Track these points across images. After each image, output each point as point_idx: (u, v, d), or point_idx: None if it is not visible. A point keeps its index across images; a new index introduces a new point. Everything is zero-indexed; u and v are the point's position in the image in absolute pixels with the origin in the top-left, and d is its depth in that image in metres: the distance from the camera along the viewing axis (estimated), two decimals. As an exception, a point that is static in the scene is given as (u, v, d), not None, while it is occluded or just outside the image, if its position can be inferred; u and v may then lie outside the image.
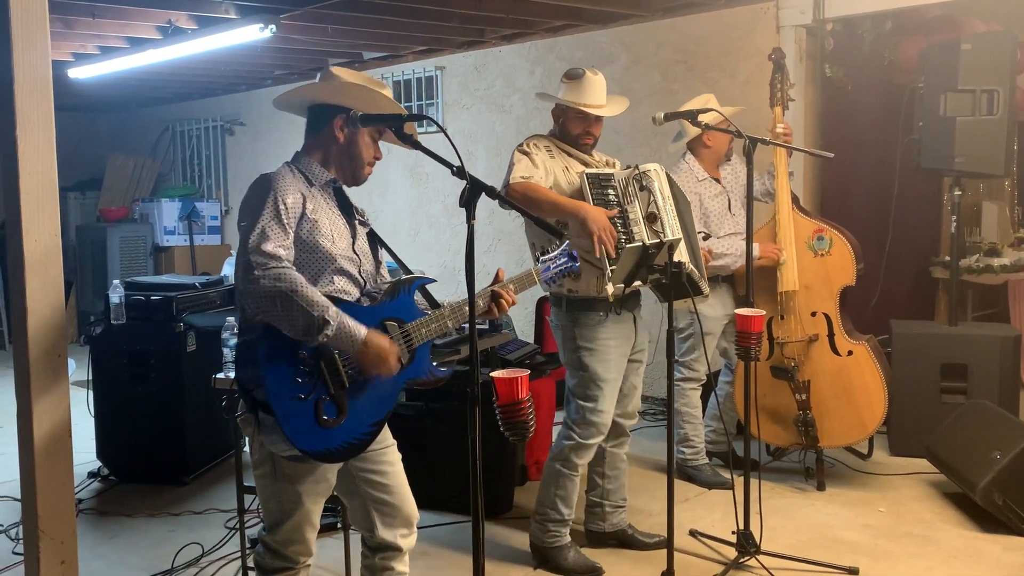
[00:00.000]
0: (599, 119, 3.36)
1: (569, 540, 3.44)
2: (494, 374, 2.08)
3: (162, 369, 4.46)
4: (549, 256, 2.68)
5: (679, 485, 4.13)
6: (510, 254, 6.48)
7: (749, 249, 3.45)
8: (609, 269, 3.03)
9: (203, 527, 3.93)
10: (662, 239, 3.10)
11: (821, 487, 4.19)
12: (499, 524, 3.86)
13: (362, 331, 2.24)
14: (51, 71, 2.73)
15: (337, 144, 2.43)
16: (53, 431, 2.76)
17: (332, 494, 2.50)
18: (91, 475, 4.57)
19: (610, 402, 3.37)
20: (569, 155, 3.37)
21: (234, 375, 2.38)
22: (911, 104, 4.94)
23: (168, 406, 4.46)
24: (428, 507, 3.93)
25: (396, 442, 2.55)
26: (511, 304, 2.48)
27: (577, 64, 3.36)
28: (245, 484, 3.22)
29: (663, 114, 3.44)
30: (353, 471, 2.45)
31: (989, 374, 4.41)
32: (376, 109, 2.40)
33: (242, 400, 2.36)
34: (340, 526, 3.49)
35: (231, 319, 3.50)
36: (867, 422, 4.08)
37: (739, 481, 3.51)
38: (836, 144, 5.11)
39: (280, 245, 2.24)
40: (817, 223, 4.17)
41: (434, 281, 2.55)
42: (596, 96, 3.31)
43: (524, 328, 5.99)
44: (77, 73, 6.39)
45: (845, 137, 5.33)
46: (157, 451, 4.48)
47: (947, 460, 4.05)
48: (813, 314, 4.13)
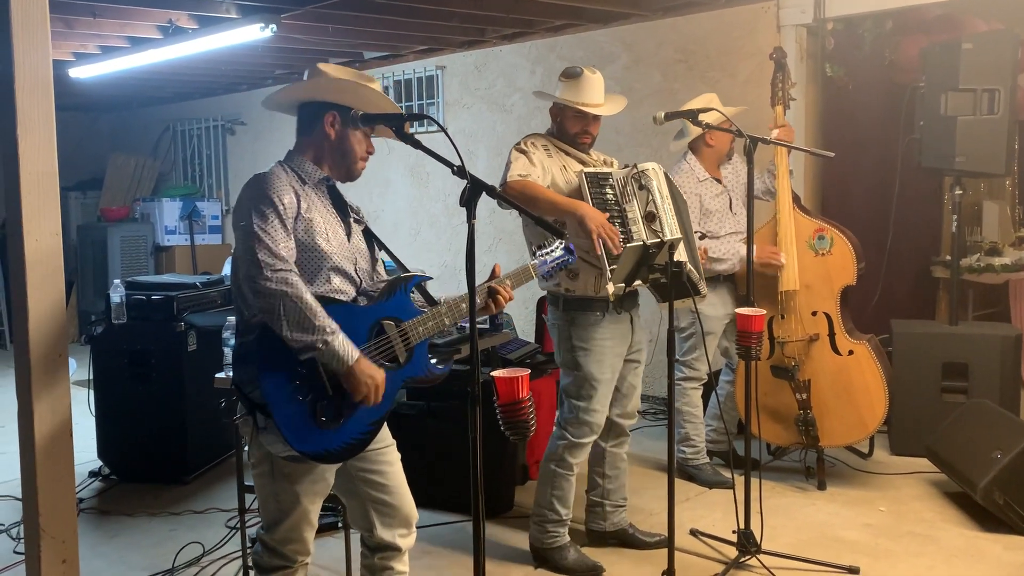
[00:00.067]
0: (597, 118, 3.35)
1: (568, 540, 3.44)
2: (495, 373, 2.09)
3: (163, 369, 4.47)
4: (545, 250, 2.68)
5: (680, 484, 4.13)
6: (511, 253, 6.48)
7: (750, 248, 3.45)
8: (609, 269, 3.03)
9: (204, 526, 3.93)
10: (661, 239, 3.09)
11: (822, 486, 4.19)
12: (500, 523, 3.86)
13: (354, 354, 2.23)
14: (52, 71, 2.73)
15: (329, 141, 2.42)
16: (54, 430, 2.76)
17: (331, 493, 2.50)
18: (92, 474, 4.57)
19: (604, 402, 3.37)
20: (567, 154, 3.36)
21: (231, 378, 2.36)
22: (912, 103, 4.94)
23: (169, 406, 4.46)
24: (429, 506, 3.93)
25: (396, 442, 2.55)
26: (508, 300, 2.47)
27: (578, 63, 3.35)
28: (246, 483, 3.22)
29: (663, 113, 3.43)
30: (352, 471, 2.45)
31: (990, 373, 4.41)
32: (367, 104, 2.40)
33: (240, 402, 2.35)
34: (341, 525, 3.50)
35: (232, 319, 3.50)
36: (868, 421, 4.08)
37: (740, 480, 3.51)
38: (837, 143, 5.11)
39: (284, 246, 2.23)
40: (818, 222, 4.17)
41: (430, 278, 2.54)
42: (594, 95, 3.30)
43: (525, 327, 5.99)
44: (78, 73, 6.40)
45: (846, 136, 5.33)
46: (158, 450, 4.49)
47: (948, 459, 4.05)
48: (814, 313, 4.13)
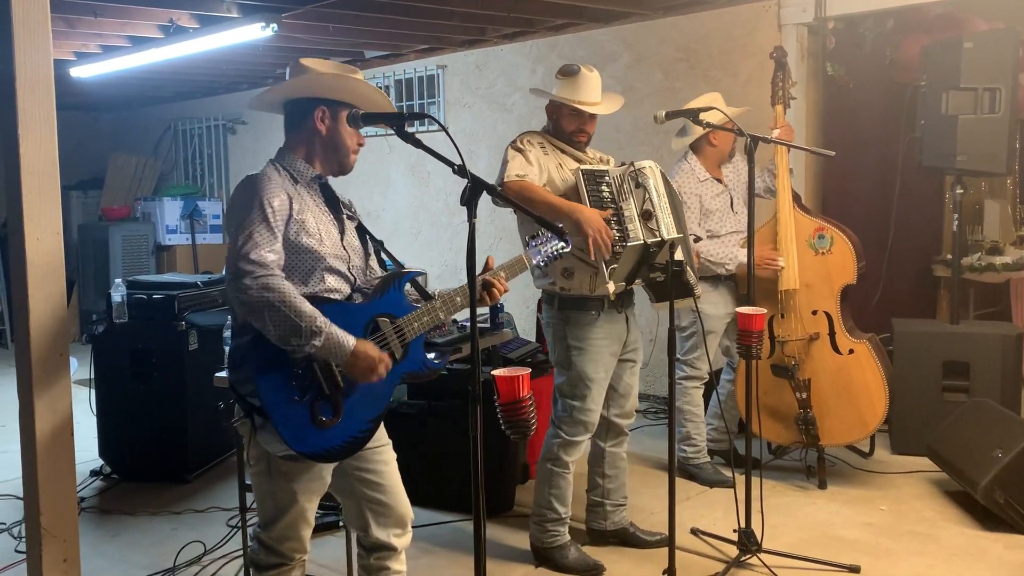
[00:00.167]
0: (593, 117, 3.34)
1: (568, 539, 3.44)
2: (495, 372, 2.08)
3: (164, 368, 4.47)
4: (538, 239, 2.67)
5: (681, 483, 4.13)
6: (512, 252, 6.33)
7: (751, 247, 3.44)
8: (609, 268, 3.03)
9: (205, 525, 3.94)
10: (658, 237, 3.09)
11: (822, 485, 4.19)
12: (500, 522, 3.86)
13: (351, 342, 2.23)
14: (53, 70, 2.73)
15: (320, 137, 2.42)
16: (55, 429, 2.76)
17: (329, 492, 2.50)
18: (93, 473, 4.57)
19: (598, 401, 3.37)
20: (563, 152, 3.35)
21: (228, 380, 2.35)
22: (913, 102, 4.94)
23: (170, 405, 4.46)
24: (429, 505, 3.94)
25: (396, 441, 2.55)
26: (503, 291, 2.47)
27: (579, 63, 3.34)
28: (247, 482, 3.22)
29: (664, 112, 3.43)
30: (348, 469, 2.45)
31: (991, 372, 4.41)
32: (355, 96, 2.41)
33: (238, 404, 2.35)
34: (341, 525, 3.50)
35: (232, 318, 3.51)
36: (868, 420, 4.08)
37: (740, 479, 3.51)
38: (838, 142, 5.11)
39: (270, 250, 2.22)
40: (818, 221, 4.16)
41: (423, 273, 2.54)
42: (591, 93, 3.28)
43: (525, 327, 5.98)
44: (79, 72, 6.39)
45: (847, 135, 5.33)
46: (159, 449, 4.49)
47: (949, 458, 4.05)
48: (814, 312, 4.13)
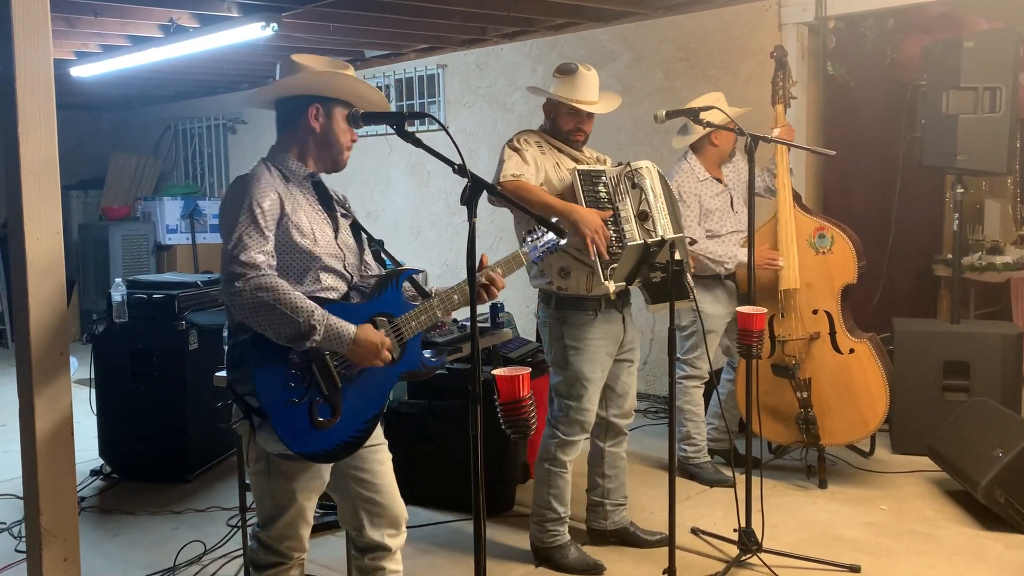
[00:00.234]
0: (591, 116, 3.32)
1: (569, 538, 3.44)
2: (496, 372, 2.08)
3: (164, 367, 4.47)
4: (535, 235, 2.68)
5: (681, 483, 4.13)
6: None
7: (751, 246, 3.44)
8: (609, 268, 3.02)
9: (205, 525, 3.94)
10: (652, 238, 3.08)
11: (823, 485, 4.19)
12: (501, 522, 3.86)
13: (351, 329, 2.23)
14: (53, 69, 2.73)
15: (314, 135, 2.41)
16: (55, 429, 2.76)
17: (327, 492, 2.50)
18: (94, 473, 4.57)
19: (594, 400, 3.37)
20: (560, 151, 3.34)
21: (227, 379, 2.35)
22: (913, 102, 4.94)
23: (170, 404, 4.46)
24: (430, 505, 3.94)
25: (394, 441, 2.54)
26: (500, 288, 2.46)
27: (579, 62, 3.34)
28: (247, 482, 3.22)
29: (665, 112, 3.43)
30: (345, 468, 2.45)
31: (991, 372, 4.41)
32: (349, 93, 2.41)
33: (236, 404, 2.34)
34: (342, 524, 3.49)
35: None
36: (868, 420, 4.08)
37: (741, 479, 3.51)
38: (838, 142, 5.11)
39: (260, 251, 2.21)
40: (818, 221, 4.16)
41: (421, 272, 2.54)
42: (588, 92, 3.27)
43: (526, 326, 5.98)
44: (79, 71, 6.39)
45: (847, 135, 5.32)
46: (159, 449, 4.49)
47: (949, 458, 4.04)
48: (814, 312, 4.13)
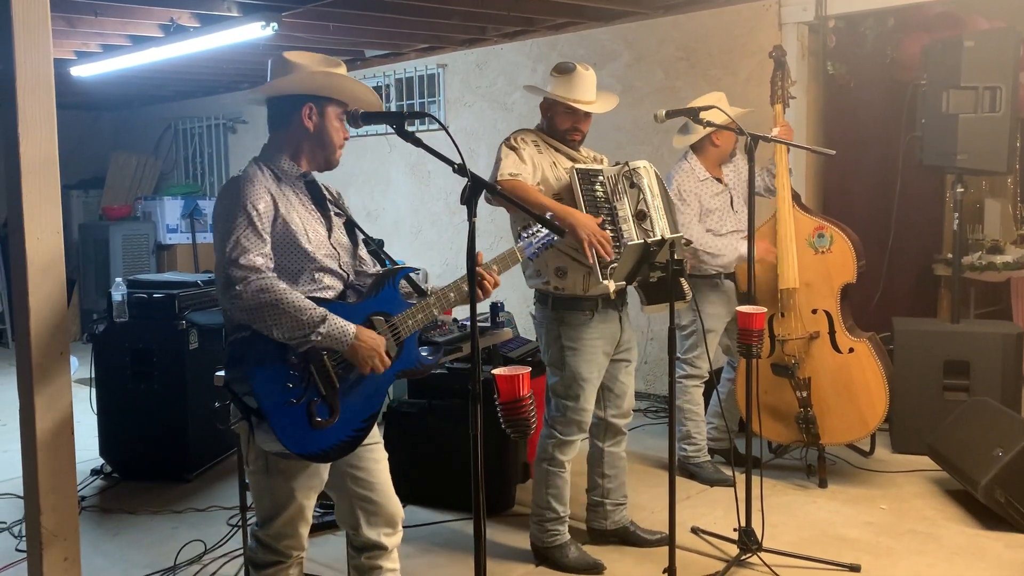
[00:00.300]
0: (588, 115, 3.32)
1: (569, 538, 3.45)
2: (496, 371, 2.08)
3: (165, 367, 4.47)
4: (530, 231, 2.67)
5: (681, 482, 4.13)
6: (512, 252, 6.46)
7: (751, 246, 3.44)
8: (609, 267, 3.03)
9: (206, 524, 3.94)
10: (649, 238, 3.09)
11: (823, 484, 4.19)
12: (501, 521, 3.86)
13: (351, 328, 2.25)
14: (53, 69, 2.74)
15: (308, 134, 2.42)
16: (55, 428, 2.77)
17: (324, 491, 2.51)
18: (94, 472, 4.58)
19: (591, 400, 3.37)
20: (556, 150, 3.34)
21: (224, 378, 2.35)
22: (913, 101, 4.94)
23: (171, 404, 4.46)
24: (430, 504, 3.94)
25: (395, 440, 2.55)
26: (495, 285, 2.46)
27: (579, 61, 3.34)
28: (247, 481, 3.22)
29: (665, 111, 3.43)
30: (342, 466, 2.45)
31: (991, 371, 4.41)
32: (342, 92, 2.41)
33: (233, 405, 2.34)
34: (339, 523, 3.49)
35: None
36: (868, 419, 4.08)
37: (741, 478, 3.51)
38: (838, 141, 5.12)
39: (258, 254, 2.22)
40: (818, 220, 4.16)
41: (417, 270, 2.55)
42: (586, 92, 3.27)
43: (526, 326, 5.98)
44: (79, 71, 6.40)
45: (847, 134, 5.33)
46: (160, 448, 4.49)
47: (949, 457, 4.05)
48: (814, 311, 4.13)
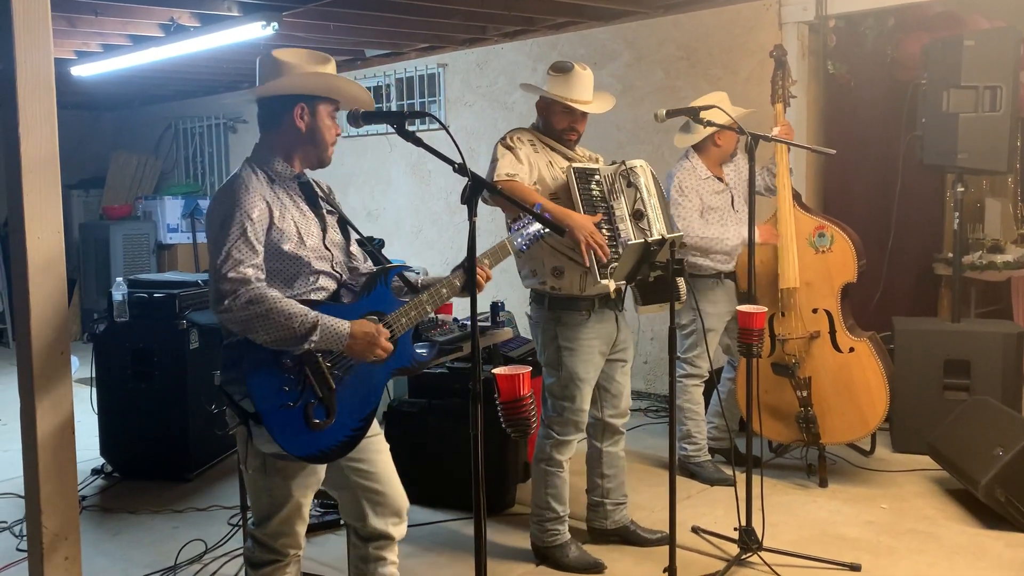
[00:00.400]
0: (584, 115, 3.31)
1: (569, 537, 3.45)
2: (496, 371, 2.09)
3: (165, 366, 4.47)
4: (520, 223, 2.67)
5: (681, 482, 4.13)
6: (512, 251, 6.46)
7: (751, 246, 3.44)
8: (609, 267, 3.02)
9: (206, 523, 3.94)
10: (647, 237, 3.08)
11: (823, 484, 4.19)
12: (501, 521, 3.86)
13: (345, 326, 2.25)
14: (53, 69, 2.74)
15: (300, 134, 2.42)
16: (56, 428, 2.77)
17: (323, 490, 2.51)
18: (95, 472, 4.58)
19: (588, 399, 3.38)
20: (552, 150, 3.34)
21: (220, 381, 2.35)
22: (914, 100, 4.93)
23: (171, 403, 4.46)
24: (430, 504, 3.94)
25: (395, 440, 2.55)
26: (487, 279, 2.47)
27: (580, 61, 3.33)
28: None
29: (665, 111, 3.43)
30: (342, 462, 2.45)
31: (992, 371, 4.41)
32: (338, 94, 2.41)
33: (230, 409, 2.34)
34: (343, 523, 3.49)
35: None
36: (869, 419, 4.08)
37: (741, 477, 3.50)
38: (839, 141, 5.12)
39: (249, 265, 2.21)
40: (818, 219, 4.16)
41: (410, 268, 2.55)
42: (583, 91, 3.26)
43: (526, 325, 5.98)
44: (80, 71, 6.40)
45: (848, 134, 5.33)
46: (160, 448, 4.49)
47: (949, 457, 4.05)
48: (814, 311, 4.13)
